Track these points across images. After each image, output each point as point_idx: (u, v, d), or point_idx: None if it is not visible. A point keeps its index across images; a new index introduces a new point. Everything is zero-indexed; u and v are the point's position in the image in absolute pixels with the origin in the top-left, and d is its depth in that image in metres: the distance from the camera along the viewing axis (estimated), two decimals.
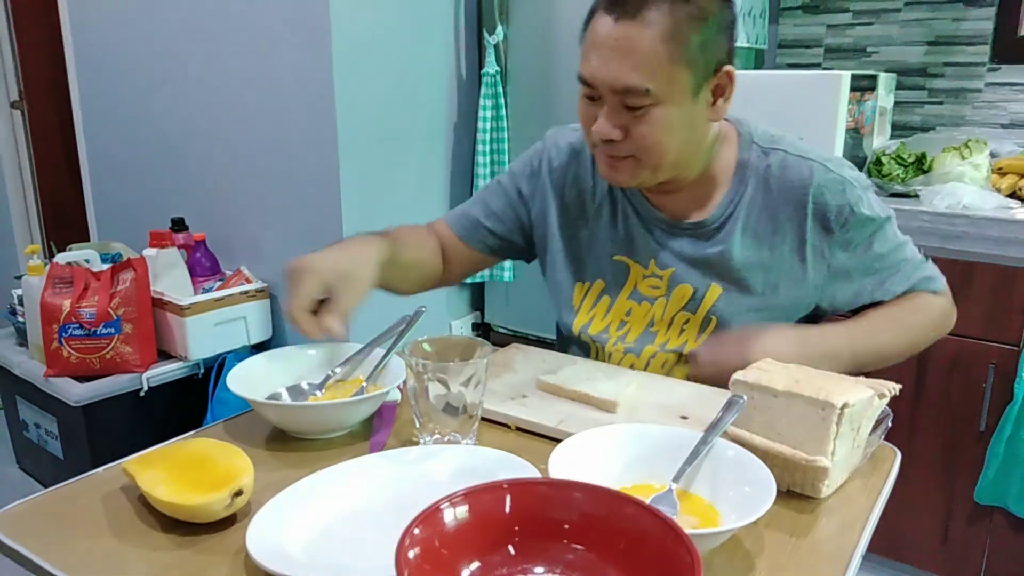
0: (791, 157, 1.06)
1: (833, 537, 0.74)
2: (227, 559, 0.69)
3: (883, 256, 1.09)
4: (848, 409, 0.76)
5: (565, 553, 0.61)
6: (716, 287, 1.09)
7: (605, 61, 0.95)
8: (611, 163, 1.03)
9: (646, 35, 0.93)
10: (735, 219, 1.08)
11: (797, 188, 1.05)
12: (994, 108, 2.17)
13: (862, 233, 1.07)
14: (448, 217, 1.27)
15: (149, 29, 2.41)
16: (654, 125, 0.97)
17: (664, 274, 1.12)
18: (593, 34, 0.97)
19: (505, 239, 1.24)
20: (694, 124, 1.01)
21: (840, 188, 1.04)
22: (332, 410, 0.91)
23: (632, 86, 0.94)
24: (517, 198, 1.23)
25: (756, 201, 1.07)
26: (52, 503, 0.79)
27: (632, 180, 1.04)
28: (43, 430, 2.22)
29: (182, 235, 2.31)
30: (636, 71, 0.94)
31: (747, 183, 1.07)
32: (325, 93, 2.02)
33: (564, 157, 1.20)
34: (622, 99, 0.96)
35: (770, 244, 1.07)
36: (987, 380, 1.75)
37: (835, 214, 1.04)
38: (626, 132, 0.98)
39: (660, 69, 0.94)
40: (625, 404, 0.97)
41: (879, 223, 1.08)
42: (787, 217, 1.06)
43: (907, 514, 1.91)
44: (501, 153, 2.34)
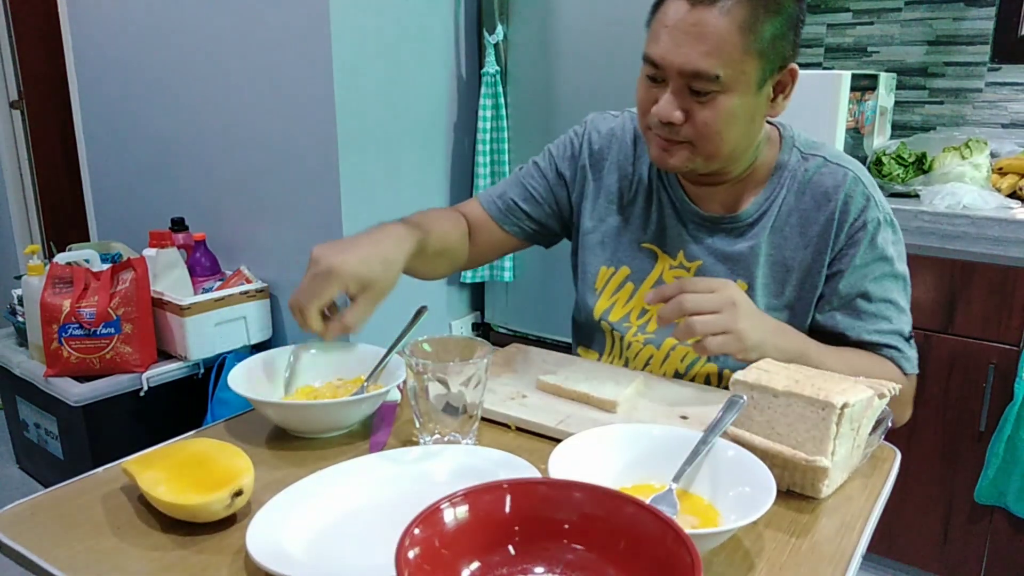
0: (829, 164, 1.07)
1: (833, 537, 0.74)
2: (227, 559, 0.69)
3: (871, 297, 1.06)
4: (848, 409, 0.76)
5: (565, 553, 0.61)
6: (742, 283, 1.09)
7: (677, 44, 0.95)
8: (666, 146, 1.02)
9: (722, 22, 0.93)
10: (768, 217, 1.08)
11: (830, 192, 1.05)
12: (994, 108, 2.17)
13: (864, 257, 1.05)
14: (482, 198, 1.25)
15: (149, 28, 2.41)
16: (717, 112, 0.97)
17: (691, 266, 1.12)
18: (665, 16, 0.96)
19: (541, 223, 1.24)
20: (753, 117, 1.01)
21: (865, 203, 1.04)
22: (332, 409, 0.91)
23: (702, 71, 0.94)
24: (557, 179, 1.22)
25: (789, 203, 1.07)
26: (52, 503, 0.79)
27: (684, 165, 1.03)
28: (43, 430, 2.22)
29: (182, 235, 2.31)
30: (708, 56, 0.94)
31: (783, 184, 1.08)
32: (325, 92, 2.02)
33: (604, 141, 1.20)
34: (688, 83, 0.96)
35: (795, 246, 1.07)
36: (987, 380, 1.75)
37: (850, 224, 1.04)
38: (687, 116, 0.98)
39: (732, 57, 0.94)
40: (625, 404, 0.97)
41: (888, 264, 1.06)
42: (815, 221, 1.06)
43: (907, 514, 1.91)
44: (501, 153, 2.34)
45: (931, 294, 1.79)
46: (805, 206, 1.06)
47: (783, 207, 1.07)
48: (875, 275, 1.05)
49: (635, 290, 1.16)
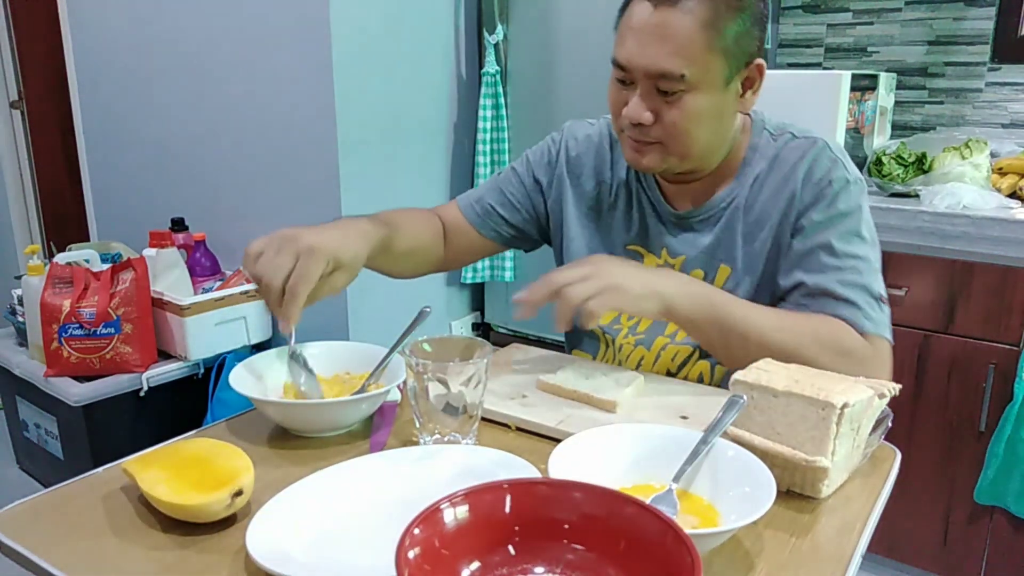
0: (797, 138, 1.08)
1: (833, 537, 0.73)
2: (227, 559, 0.69)
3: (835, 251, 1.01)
4: (848, 409, 0.76)
5: (565, 553, 0.61)
6: (725, 268, 1.10)
7: (642, 45, 0.96)
8: (638, 147, 1.03)
9: (684, 22, 0.94)
10: (739, 199, 1.09)
11: (797, 162, 1.05)
12: (994, 108, 2.17)
13: (828, 211, 1.02)
14: (460, 201, 1.25)
15: (149, 28, 2.41)
16: (685, 112, 0.98)
17: (675, 262, 1.13)
18: (630, 19, 0.98)
19: (518, 228, 1.24)
20: (723, 114, 1.02)
21: (831, 164, 1.04)
22: (333, 409, 0.92)
23: (667, 71, 0.96)
24: (533, 185, 1.23)
25: (759, 180, 1.08)
26: (52, 503, 0.79)
27: (658, 165, 1.04)
28: (43, 430, 2.22)
29: (182, 235, 2.31)
30: (673, 56, 0.95)
31: (754, 165, 1.09)
32: (325, 93, 2.01)
33: (582, 148, 1.21)
34: (656, 83, 0.98)
35: (768, 220, 1.07)
36: (987, 380, 1.75)
37: (815, 182, 1.03)
38: (656, 116, 1.00)
39: (696, 56, 0.95)
40: (625, 404, 0.97)
41: (854, 220, 1.03)
42: (784, 189, 1.06)
43: (907, 514, 1.91)
44: (501, 153, 2.34)
45: (931, 294, 1.79)
46: (774, 180, 1.07)
47: (754, 186, 1.08)
48: (841, 231, 1.02)
49: None
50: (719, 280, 1.10)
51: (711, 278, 1.10)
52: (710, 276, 1.10)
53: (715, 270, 1.10)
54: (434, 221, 1.23)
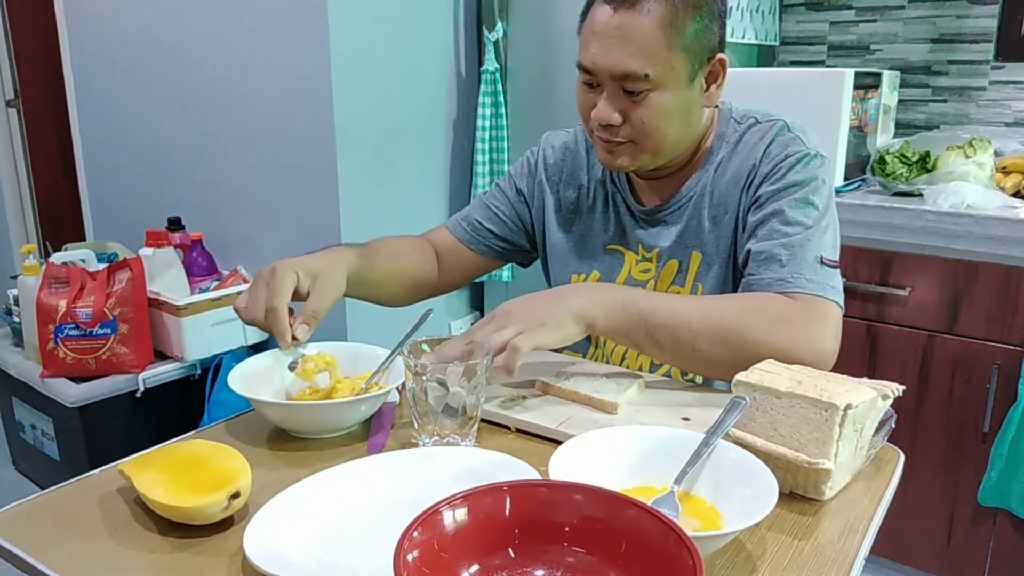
0: (760, 122, 1.10)
1: (836, 539, 0.73)
2: (224, 561, 0.69)
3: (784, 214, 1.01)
4: (851, 411, 0.76)
5: (566, 556, 0.60)
6: (696, 254, 1.12)
7: (605, 48, 0.99)
8: (609, 148, 1.06)
9: (644, 23, 0.97)
10: (705, 185, 1.11)
11: (757, 142, 1.08)
12: (998, 106, 2.17)
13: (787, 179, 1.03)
14: (449, 223, 1.29)
15: (145, 27, 2.41)
16: (652, 109, 1.01)
17: (651, 255, 1.16)
18: (592, 23, 1.01)
19: (508, 241, 1.27)
20: (689, 109, 1.05)
21: (791, 139, 1.06)
22: (332, 410, 0.91)
23: (632, 71, 0.98)
24: (517, 196, 1.27)
25: (723, 165, 1.10)
26: (48, 505, 0.78)
27: (630, 164, 1.07)
28: (39, 431, 2.21)
29: (178, 234, 2.30)
30: (635, 57, 0.98)
31: (717, 152, 1.11)
32: (323, 91, 2.01)
33: (558, 155, 1.24)
34: (621, 84, 1.00)
35: (732, 201, 1.09)
36: (991, 381, 1.74)
37: (772, 156, 1.06)
38: (625, 117, 1.02)
39: (658, 55, 0.98)
40: (626, 406, 0.97)
41: (803, 185, 1.02)
42: (745, 168, 1.08)
43: (910, 516, 1.90)
44: (500, 151, 2.34)
45: (935, 294, 1.78)
46: (736, 162, 1.09)
47: (718, 171, 1.11)
48: (794, 199, 1.02)
49: None
50: (692, 265, 1.12)
51: (685, 265, 1.13)
52: (684, 264, 1.13)
53: (688, 257, 1.13)
54: (422, 244, 1.25)
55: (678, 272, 1.14)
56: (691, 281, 1.13)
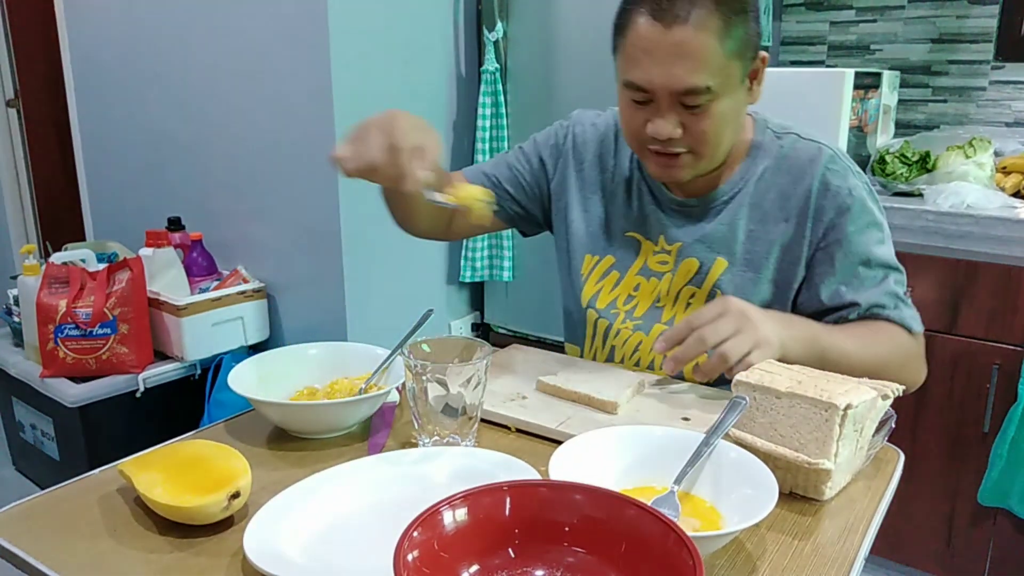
0: (802, 140, 1.10)
1: (836, 539, 0.73)
2: (224, 561, 0.69)
3: (868, 259, 1.07)
4: (851, 411, 0.76)
5: (565, 556, 0.60)
6: (721, 261, 1.11)
7: (663, 66, 0.97)
8: (667, 161, 1.04)
9: (701, 36, 0.95)
10: (744, 194, 1.10)
11: (806, 166, 1.08)
12: (998, 106, 2.17)
13: (858, 223, 1.06)
14: (467, 173, 1.25)
15: (145, 27, 2.41)
16: (714, 119, 1.00)
17: (672, 248, 1.14)
18: (641, 40, 0.98)
19: (523, 207, 1.25)
20: (739, 111, 1.05)
21: (845, 174, 1.07)
22: (332, 410, 0.91)
23: (694, 86, 0.97)
24: (539, 166, 1.24)
25: (765, 178, 1.10)
26: (48, 505, 0.78)
27: (689, 174, 1.06)
28: (39, 431, 2.21)
29: (178, 235, 2.30)
30: (697, 72, 0.96)
31: (758, 162, 1.10)
32: (323, 91, 2.01)
33: (588, 135, 1.22)
34: (680, 99, 0.99)
35: (775, 219, 1.09)
36: (991, 381, 1.74)
37: (834, 194, 1.06)
38: (684, 128, 1.01)
39: (717, 66, 0.97)
40: (626, 405, 0.96)
41: (877, 224, 1.08)
42: (794, 194, 1.08)
43: (910, 516, 1.90)
44: (501, 151, 2.33)
45: (935, 294, 1.78)
46: (782, 181, 1.09)
47: (760, 183, 1.10)
48: (871, 241, 1.07)
49: (620, 278, 1.18)
50: (715, 271, 1.11)
51: (706, 268, 1.12)
52: (706, 267, 1.12)
53: (711, 261, 1.11)
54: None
55: (697, 273, 1.12)
56: (709, 286, 1.11)
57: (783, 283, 1.10)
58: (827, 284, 1.08)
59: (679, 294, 1.14)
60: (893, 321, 1.07)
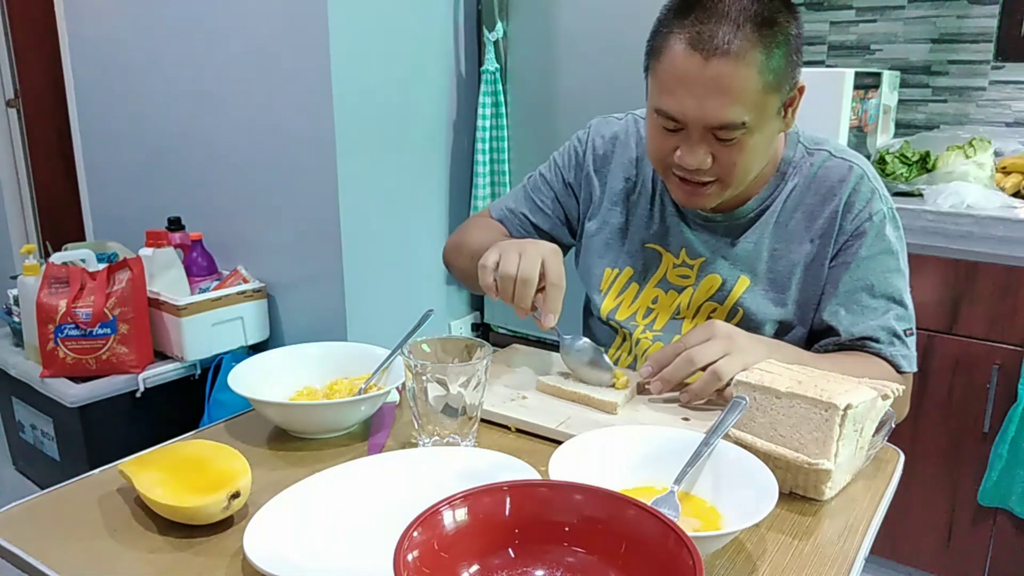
0: (834, 158, 1.08)
1: (836, 539, 0.73)
2: (224, 561, 0.69)
3: (873, 286, 1.05)
4: (851, 411, 0.76)
5: (565, 556, 0.60)
6: (744, 279, 1.09)
7: (699, 98, 0.93)
8: (693, 190, 1.02)
9: (741, 72, 0.92)
10: (771, 213, 1.08)
11: (835, 186, 1.06)
12: (998, 106, 2.17)
13: (870, 249, 1.04)
14: (494, 211, 1.26)
15: (146, 27, 2.41)
16: (745, 152, 0.97)
17: (695, 263, 1.13)
18: (675, 69, 0.94)
19: (550, 235, 1.25)
20: (772, 140, 1.02)
21: (870, 195, 1.05)
22: (332, 410, 0.91)
23: (730, 121, 0.94)
24: (564, 189, 1.24)
25: (794, 197, 1.08)
26: (48, 505, 0.78)
27: (713, 202, 1.04)
28: (39, 431, 2.21)
29: (178, 234, 2.30)
30: (734, 106, 0.93)
31: (787, 179, 1.08)
32: (323, 91, 2.01)
33: (608, 146, 1.21)
34: (713, 131, 0.96)
35: (800, 240, 1.07)
36: (991, 381, 1.74)
37: (855, 215, 1.04)
38: (713, 158, 0.98)
39: (754, 101, 0.94)
40: (626, 406, 0.96)
41: (891, 252, 1.06)
42: (820, 215, 1.06)
43: (910, 516, 1.90)
44: (501, 152, 2.33)
45: (935, 294, 1.78)
46: (811, 200, 1.07)
47: (788, 202, 1.08)
48: (880, 269, 1.05)
49: (640, 290, 1.17)
50: (737, 289, 1.10)
51: (729, 286, 1.10)
52: (729, 284, 1.10)
53: (735, 279, 1.10)
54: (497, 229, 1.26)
55: (719, 289, 1.10)
56: (731, 303, 1.10)
57: (805, 304, 1.08)
58: (828, 305, 1.06)
59: (700, 308, 1.12)
60: (883, 357, 1.04)
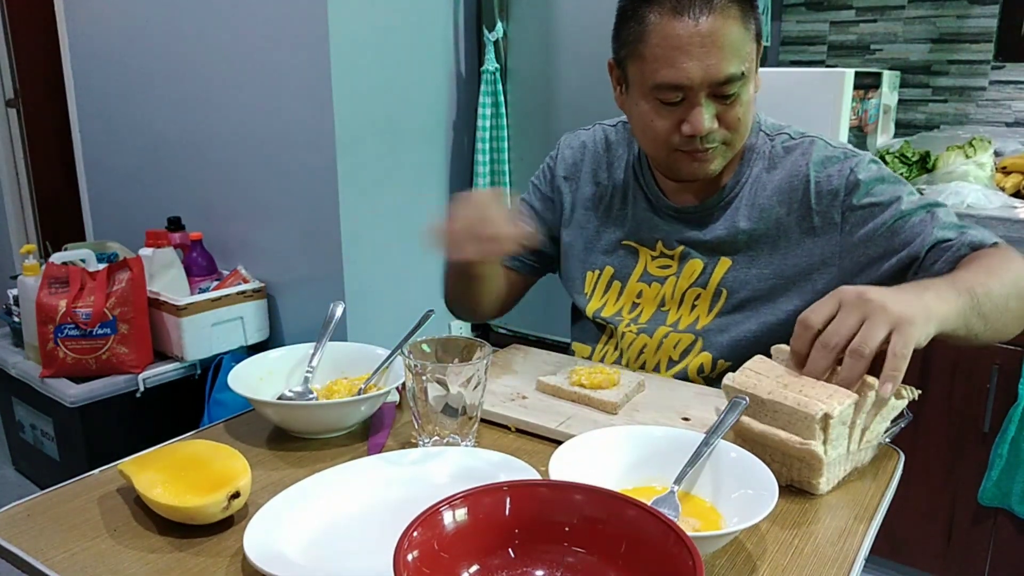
0: (793, 137, 1.10)
1: (836, 539, 0.73)
2: (224, 561, 0.68)
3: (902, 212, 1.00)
4: (832, 420, 0.75)
5: (565, 556, 0.60)
6: (725, 260, 1.11)
7: (700, 59, 0.96)
8: (703, 156, 1.03)
9: (729, 24, 0.96)
10: (739, 199, 1.10)
11: (799, 162, 1.07)
12: (998, 106, 2.17)
13: (873, 191, 1.02)
14: None
15: (145, 27, 2.41)
16: (744, 105, 1.01)
17: (674, 252, 1.14)
18: (670, 38, 0.96)
19: (538, 253, 1.26)
20: (756, 92, 1.05)
21: (841, 157, 1.06)
22: (332, 410, 0.91)
23: (731, 74, 0.97)
24: (544, 206, 1.26)
25: (760, 179, 1.09)
26: (48, 505, 0.78)
27: (720, 164, 1.06)
28: (39, 431, 2.21)
29: (178, 234, 2.30)
30: (731, 59, 0.96)
31: (752, 165, 1.10)
32: (323, 91, 2.01)
33: (577, 154, 1.23)
34: (715, 90, 0.98)
35: (776, 216, 1.08)
36: (991, 381, 1.74)
37: (836, 177, 1.04)
38: (719, 120, 1.01)
39: (746, 50, 0.98)
40: (626, 406, 0.96)
41: (891, 180, 1.03)
42: (791, 188, 1.07)
43: (910, 516, 1.90)
44: (501, 151, 2.33)
45: None
46: (778, 177, 1.08)
47: (756, 184, 1.09)
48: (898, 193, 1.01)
49: (623, 287, 1.18)
50: (719, 271, 1.11)
51: (711, 268, 1.11)
52: (710, 267, 1.11)
53: (715, 262, 1.11)
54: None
55: (701, 273, 1.12)
56: (714, 285, 1.11)
57: (793, 275, 1.08)
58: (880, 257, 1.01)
59: (684, 296, 1.13)
60: (972, 246, 0.96)
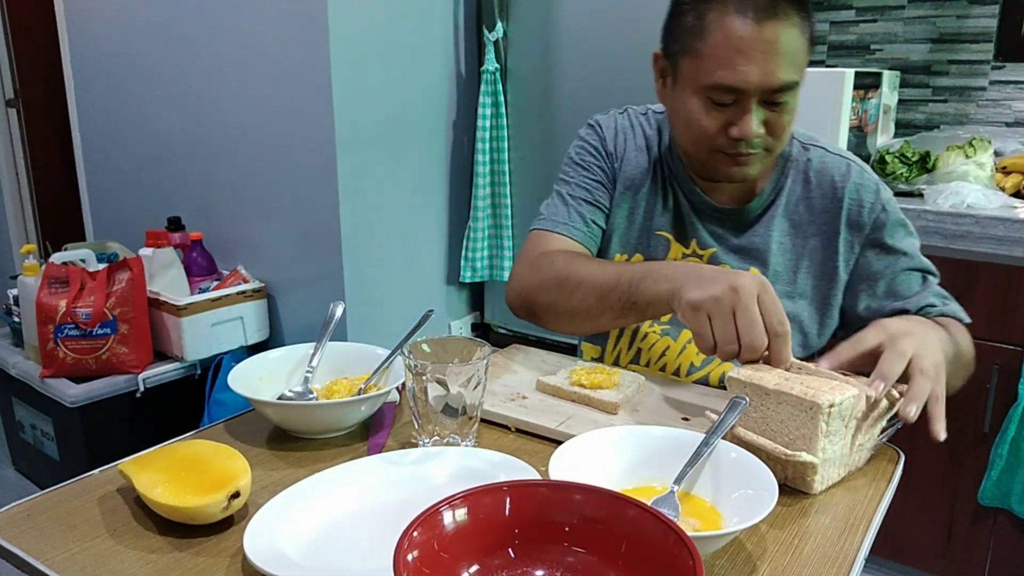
0: (829, 155, 1.10)
1: (836, 539, 0.73)
2: (224, 561, 0.68)
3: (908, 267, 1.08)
4: (834, 408, 0.76)
5: (565, 556, 0.60)
6: (754, 270, 1.10)
7: (760, 64, 0.94)
8: (744, 160, 1.02)
9: (790, 31, 0.94)
10: (776, 207, 1.11)
11: (836, 182, 1.08)
12: (998, 106, 2.17)
13: (894, 236, 1.08)
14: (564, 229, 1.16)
15: (145, 27, 2.41)
16: (791, 113, 1.00)
17: (704, 254, 1.13)
18: (733, 40, 0.94)
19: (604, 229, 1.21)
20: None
21: (875, 188, 1.08)
22: (332, 410, 0.91)
23: (787, 81, 0.96)
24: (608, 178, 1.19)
25: (795, 192, 1.10)
26: (48, 505, 0.78)
27: (758, 169, 1.05)
28: (39, 431, 2.21)
29: (178, 234, 2.30)
30: (790, 66, 0.95)
31: (788, 175, 1.11)
32: (323, 91, 2.01)
33: (618, 137, 1.20)
34: (767, 96, 0.97)
35: (805, 234, 1.09)
36: (991, 381, 1.74)
37: (868, 210, 1.07)
38: (766, 126, 1.00)
39: (804, 59, 0.98)
40: (626, 406, 0.96)
41: (911, 232, 1.10)
42: (823, 209, 1.08)
43: (910, 516, 1.90)
44: (501, 151, 2.33)
45: None
46: (812, 195, 1.09)
47: (790, 196, 1.10)
48: (911, 248, 1.09)
49: None
50: None
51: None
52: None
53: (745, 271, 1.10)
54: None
55: None
56: None
57: (817, 296, 1.10)
58: (871, 296, 1.08)
59: None
60: (947, 316, 1.06)
